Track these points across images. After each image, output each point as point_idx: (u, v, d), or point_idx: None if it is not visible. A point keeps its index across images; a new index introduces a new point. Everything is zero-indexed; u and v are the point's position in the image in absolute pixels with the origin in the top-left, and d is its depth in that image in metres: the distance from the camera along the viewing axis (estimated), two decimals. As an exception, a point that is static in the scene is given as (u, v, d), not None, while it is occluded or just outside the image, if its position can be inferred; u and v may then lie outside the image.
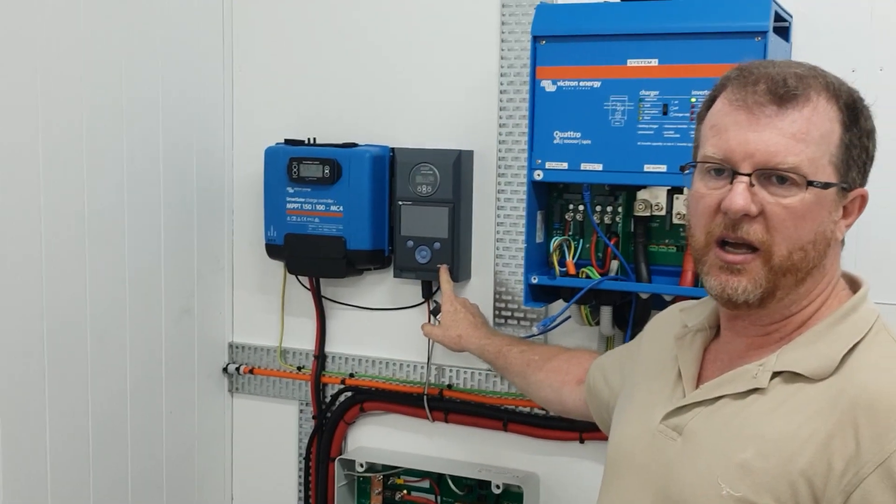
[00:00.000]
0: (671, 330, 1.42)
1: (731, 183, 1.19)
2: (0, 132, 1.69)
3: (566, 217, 1.87)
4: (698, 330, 1.37)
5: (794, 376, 1.21)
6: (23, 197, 1.75)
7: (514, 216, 2.05)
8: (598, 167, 1.73)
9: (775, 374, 1.22)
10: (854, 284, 1.29)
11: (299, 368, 2.31)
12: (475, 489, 2.12)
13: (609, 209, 1.81)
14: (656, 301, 1.83)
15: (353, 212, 2.07)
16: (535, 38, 1.76)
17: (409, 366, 2.20)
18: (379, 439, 2.26)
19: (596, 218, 1.81)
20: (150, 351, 2.11)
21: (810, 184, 1.17)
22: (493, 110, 2.05)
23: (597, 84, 1.72)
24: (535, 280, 1.81)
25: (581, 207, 1.84)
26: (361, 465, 2.16)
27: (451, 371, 2.16)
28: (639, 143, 1.69)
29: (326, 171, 2.07)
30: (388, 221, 2.11)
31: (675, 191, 1.75)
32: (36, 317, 1.79)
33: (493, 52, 2.05)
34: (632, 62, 1.70)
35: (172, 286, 2.16)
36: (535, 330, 2.00)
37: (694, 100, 1.64)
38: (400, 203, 2.08)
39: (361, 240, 2.08)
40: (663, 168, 1.67)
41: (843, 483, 1.12)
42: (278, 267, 2.28)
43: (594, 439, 2.00)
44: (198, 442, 2.30)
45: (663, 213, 1.77)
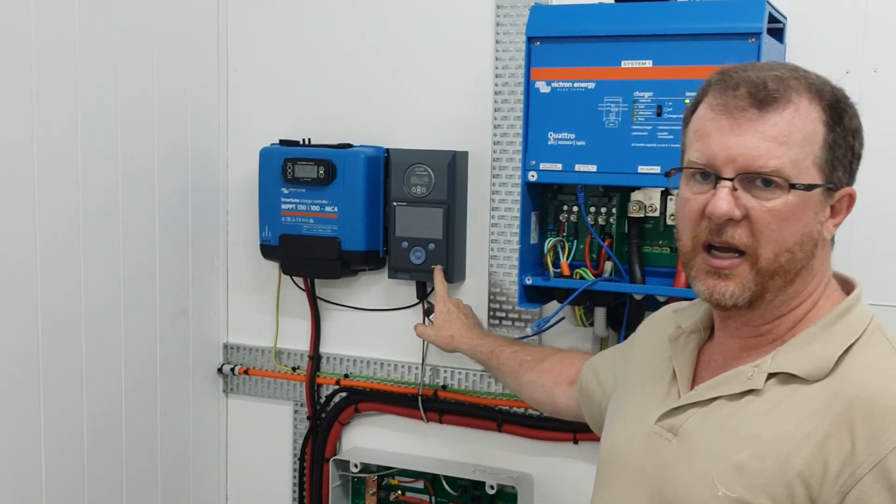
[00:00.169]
0: (664, 331, 1.42)
1: (715, 188, 1.20)
2: (-5, 133, 1.69)
3: (560, 218, 1.87)
4: (692, 331, 1.37)
5: (789, 377, 1.21)
6: (18, 198, 1.75)
7: (508, 217, 2.05)
8: (593, 168, 1.73)
9: (770, 376, 1.22)
10: (847, 285, 1.30)
11: (294, 369, 2.31)
12: (469, 490, 2.13)
13: (603, 210, 1.81)
14: (650, 302, 1.83)
15: (348, 212, 2.08)
16: (530, 40, 1.76)
17: (403, 366, 2.21)
18: (373, 440, 2.26)
19: (590, 219, 1.81)
20: (145, 351, 2.11)
21: (793, 186, 1.17)
22: (488, 111, 2.06)
23: (591, 85, 1.72)
24: (529, 281, 1.81)
25: (575, 208, 1.84)
26: (356, 466, 2.16)
27: (445, 372, 2.16)
28: (633, 144, 1.69)
29: (321, 171, 2.07)
30: (382, 222, 2.11)
31: (668, 192, 1.76)
32: (31, 317, 1.79)
33: (488, 54, 2.05)
34: (626, 63, 1.70)
35: (167, 286, 2.16)
36: (530, 331, 2.01)
37: (688, 101, 1.64)
38: (394, 204, 2.08)
39: (356, 240, 2.08)
40: (657, 169, 1.67)
41: (839, 484, 1.12)
42: (273, 267, 2.28)
43: (588, 440, 2.00)
44: (193, 442, 2.30)
45: (657, 214, 1.77)
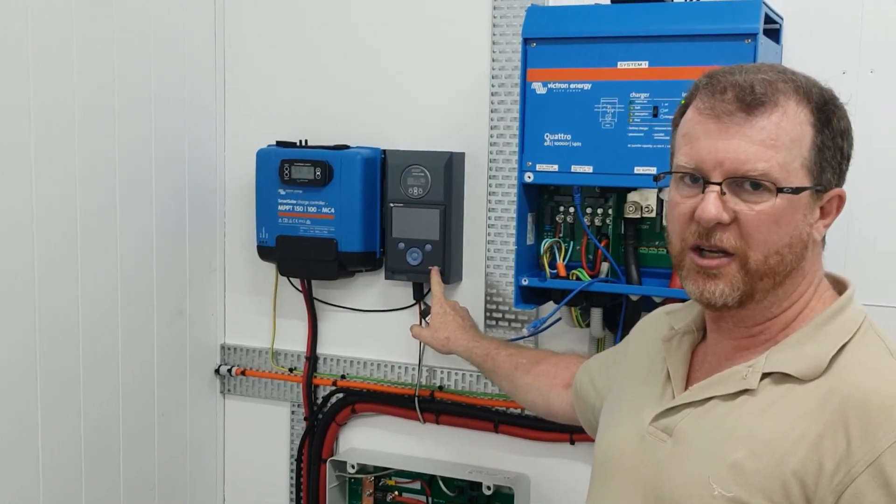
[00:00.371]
0: (658, 333, 1.42)
1: (703, 192, 1.20)
2: (-8, 134, 1.69)
3: (557, 219, 1.87)
4: (685, 332, 1.37)
5: (783, 377, 1.21)
6: (15, 199, 1.75)
7: (504, 218, 2.05)
8: (589, 169, 1.73)
9: (765, 375, 1.22)
10: (839, 285, 1.30)
11: (291, 370, 2.31)
12: (466, 490, 2.13)
13: (599, 211, 1.81)
14: (646, 303, 1.83)
15: (345, 214, 2.07)
16: (526, 41, 1.76)
17: (400, 367, 2.21)
18: (370, 441, 2.26)
19: (586, 220, 1.81)
20: (143, 352, 2.11)
21: (780, 190, 1.17)
22: (485, 112, 2.06)
23: (587, 86, 1.72)
24: (525, 282, 1.81)
25: (571, 209, 1.84)
26: (353, 467, 2.16)
27: (442, 372, 2.16)
28: (629, 145, 1.70)
29: (318, 172, 2.07)
30: (379, 223, 2.11)
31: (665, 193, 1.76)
32: (28, 319, 1.79)
33: (485, 55, 2.05)
34: (622, 64, 1.70)
35: (165, 288, 2.16)
36: (526, 331, 2.01)
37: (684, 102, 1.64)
38: (391, 205, 2.08)
39: (353, 242, 2.08)
40: (653, 170, 1.67)
41: (835, 482, 1.12)
42: (270, 269, 2.28)
43: (584, 440, 1.99)
44: (190, 443, 2.30)
45: (653, 215, 1.77)
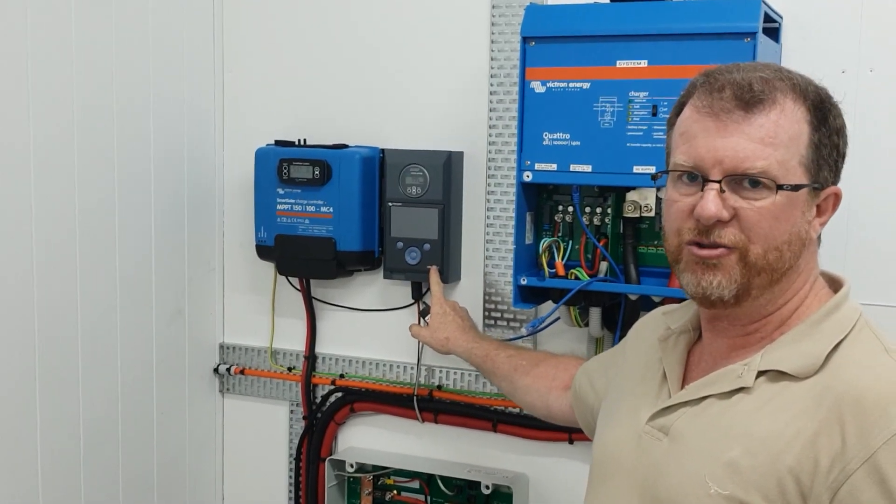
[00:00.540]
0: (654, 333, 1.43)
1: (703, 190, 1.20)
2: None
3: (555, 218, 1.87)
4: (681, 332, 1.38)
5: (779, 375, 1.21)
6: (14, 199, 1.75)
7: (503, 217, 2.05)
8: (588, 168, 1.73)
9: (760, 374, 1.22)
10: (834, 283, 1.30)
11: (290, 369, 2.31)
12: (465, 489, 2.12)
13: (598, 210, 1.81)
14: (645, 302, 1.83)
15: (343, 213, 2.07)
16: (525, 39, 1.76)
17: (399, 366, 2.20)
18: (369, 440, 2.26)
19: (585, 219, 1.81)
20: (142, 352, 2.11)
21: (780, 187, 1.18)
22: (483, 111, 2.05)
23: (586, 85, 1.72)
24: (524, 281, 1.81)
25: (570, 209, 1.83)
26: (352, 466, 2.16)
27: (440, 372, 2.16)
28: (628, 144, 1.69)
29: (316, 172, 2.07)
30: (377, 222, 2.11)
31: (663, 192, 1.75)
32: (27, 318, 1.79)
33: (483, 53, 2.05)
34: (621, 63, 1.69)
35: (163, 287, 2.16)
36: (525, 331, 2.00)
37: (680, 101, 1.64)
38: (390, 204, 2.07)
39: (351, 241, 2.08)
40: (652, 169, 1.66)
41: (830, 480, 1.12)
42: (269, 268, 2.27)
43: (583, 440, 1.99)
44: (189, 442, 2.30)
45: (652, 214, 1.77)
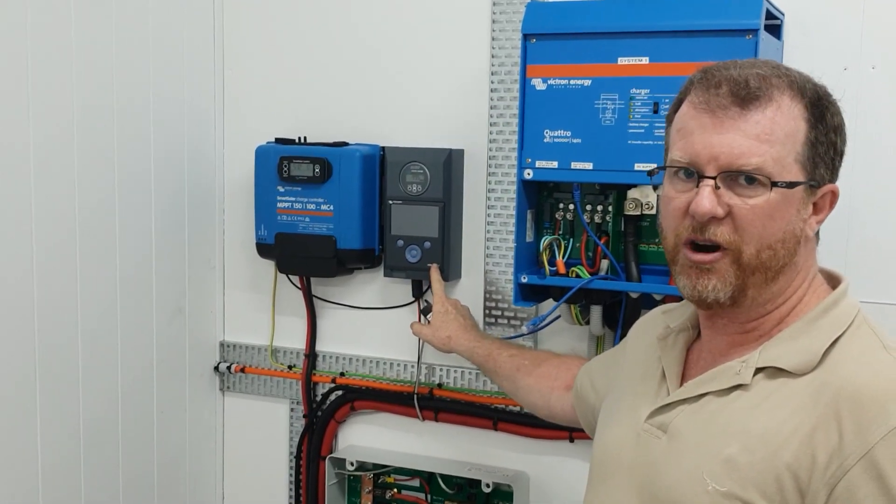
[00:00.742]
0: (654, 332, 1.43)
1: (698, 186, 1.20)
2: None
3: (556, 216, 1.86)
4: (680, 330, 1.38)
5: (776, 371, 1.21)
6: (14, 198, 1.74)
7: (504, 215, 2.05)
8: (589, 166, 1.73)
9: (758, 371, 1.23)
10: (833, 280, 1.30)
11: (290, 367, 2.31)
12: (465, 488, 2.12)
13: (599, 208, 1.81)
14: (646, 300, 1.83)
15: (344, 211, 2.07)
16: (526, 37, 1.75)
17: (399, 365, 2.20)
18: (369, 438, 2.26)
19: (586, 217, 1.81)
20: (142, 350, 2.11)
21: (775, 184, 1.18)
22: (484, 109, 2.05)
23: (587, 82, 1.72)
24: (524, 279, 1.81)
25: (571, 206, 1.83)
26: (352, 464, 2.16)
27: (441, 370, 2.16)
28: (629, 141, 1.69)
29: (317, 170, 2.06)
30: (378, 220, 2.11)
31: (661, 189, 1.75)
32: (27, 317, 1.79)
33: (484, 51, 2.05)
34: (622, 60, 1.69)
35: (164, 286, 2.16)
36: (525, 329, 2.00)
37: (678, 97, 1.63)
38: (390, 202, 2.07)
39: (352, 239, 2.08)
40: (654, 167, 1.66)
41: (828, 476, 1.12)
42: (269, 266, 2.27)
43: (584, 438, 1.98)
44: (189, 440, 2.30)
45: (653, 211, 1.76)
